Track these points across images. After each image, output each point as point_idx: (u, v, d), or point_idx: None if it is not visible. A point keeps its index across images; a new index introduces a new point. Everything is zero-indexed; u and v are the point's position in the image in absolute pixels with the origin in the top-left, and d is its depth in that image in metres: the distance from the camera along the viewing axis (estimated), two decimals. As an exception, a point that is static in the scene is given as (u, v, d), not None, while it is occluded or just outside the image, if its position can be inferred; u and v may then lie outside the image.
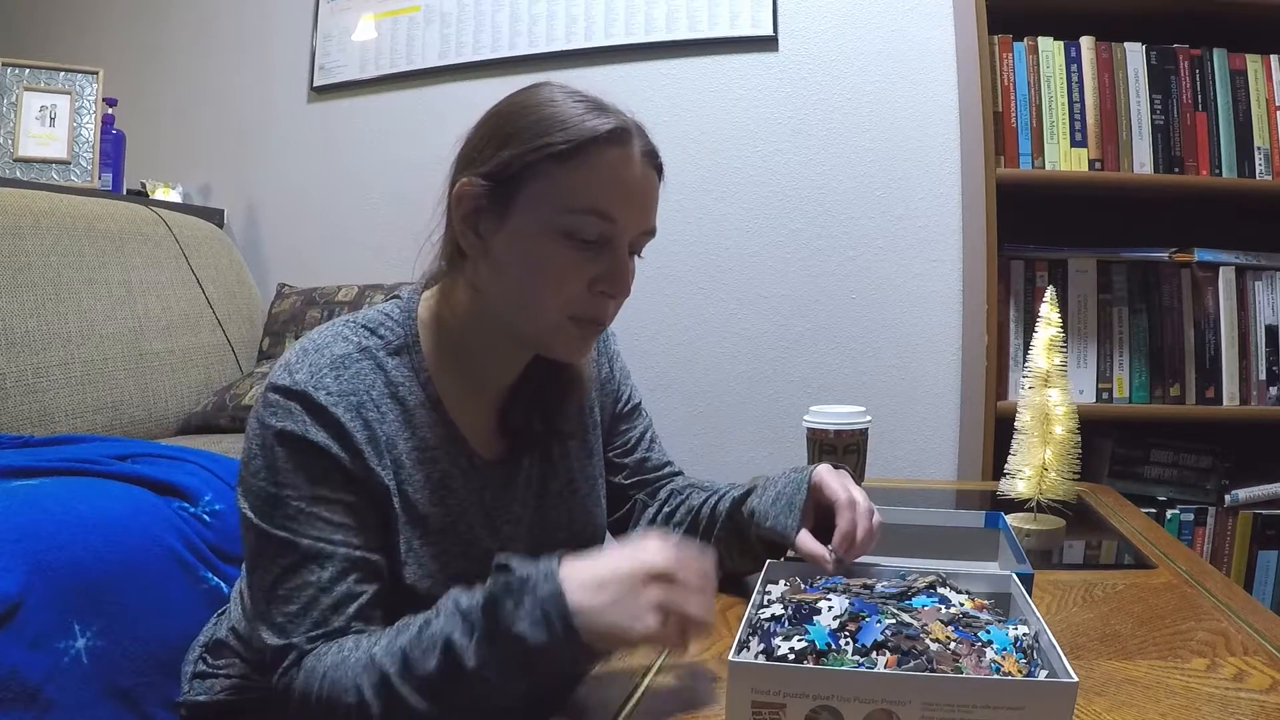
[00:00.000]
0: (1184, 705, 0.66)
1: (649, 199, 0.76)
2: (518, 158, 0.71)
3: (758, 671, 0.57)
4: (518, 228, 0.72)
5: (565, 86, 0.76)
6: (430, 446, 0.76)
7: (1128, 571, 1.03)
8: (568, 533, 0.86)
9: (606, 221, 0.72)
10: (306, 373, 0.72)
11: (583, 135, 0.71)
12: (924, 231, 2.02)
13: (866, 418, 1.21)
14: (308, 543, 0.68)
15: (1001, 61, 1.71)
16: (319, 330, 0.77)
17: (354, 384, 0.73)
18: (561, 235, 0.72)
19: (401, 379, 0.76)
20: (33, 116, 2.04)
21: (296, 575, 0.68)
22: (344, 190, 2.37)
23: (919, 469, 2.02)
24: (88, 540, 0.91)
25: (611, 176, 0.72)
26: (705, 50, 2.11)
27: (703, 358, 2.13)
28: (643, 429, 0.99)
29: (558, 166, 0.71)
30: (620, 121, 0.73)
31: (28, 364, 1.50)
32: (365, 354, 0.75)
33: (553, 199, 0.71)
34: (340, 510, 0.70)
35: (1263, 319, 1.68)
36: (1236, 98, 1.67)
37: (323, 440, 0.70)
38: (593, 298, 0.74)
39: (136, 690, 0.90)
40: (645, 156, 0.75)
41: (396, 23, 2.29)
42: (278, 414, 0.70)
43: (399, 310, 0.80)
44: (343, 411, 0.71)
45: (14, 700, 0.79)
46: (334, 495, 0.70)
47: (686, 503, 0.95)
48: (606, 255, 0.74)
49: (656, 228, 0.78)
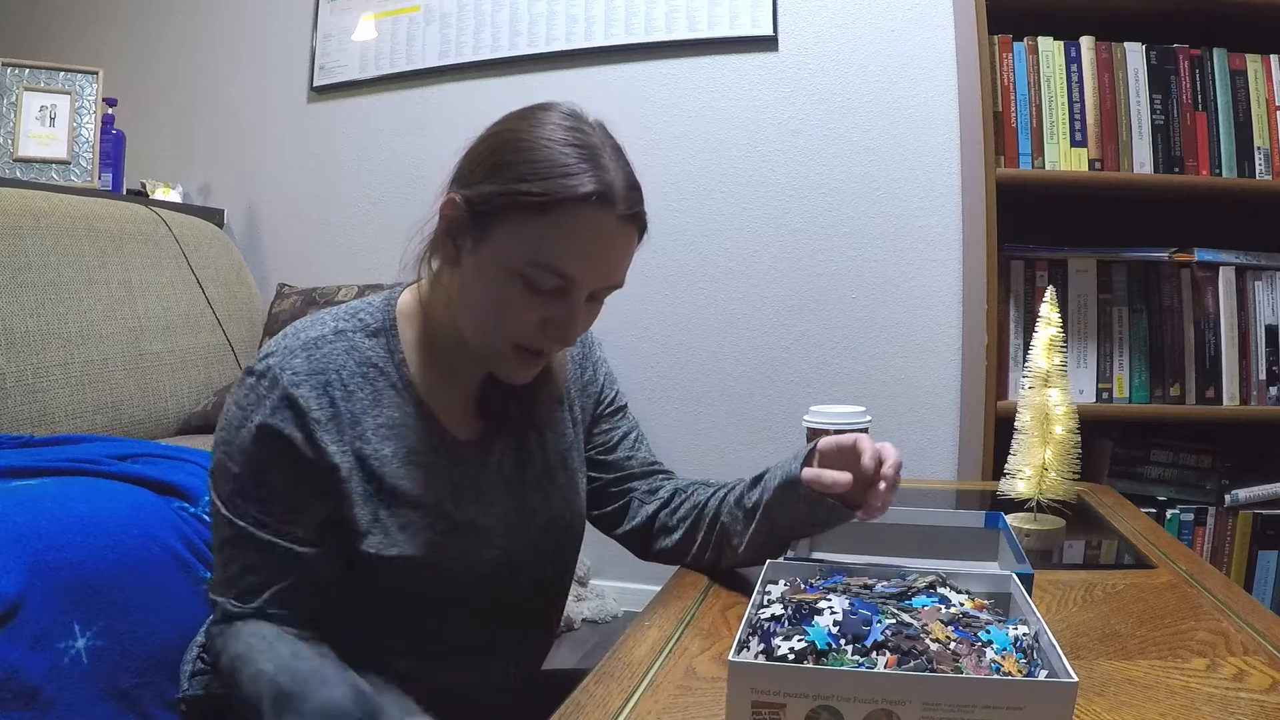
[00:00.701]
0: (1184, 705, 0.66)
1: (616, 259, 0.77)
2: (495, 195, 0.73)
3: (758, 671, 0.56)
4: (486, 257, 0.75)
5: (569, 118, 0.75)
6: (398, 423, 0.80)
7: (1128, 571, 1.03)
8: (545, 518, 0.88)
9: (565, 279, 0.74)
10: (280, 355, 0.76)
11: (559, 193, 0.71)
12: (924, 231, 2.02)
13: (866, 418, 1.21)
14: (243, 524, 0.74)
15: (1001, 61, 1.71)
16: (299, 322, 0.81)
17: (323, 364, 0.77)
18: (520, 278, 0.73)
19: (376, 359, 0.80)
20: (33, 116, 2.04)
21: (235, 548, 0.75)
22: (344, 190, 2.37)
23: (919, 469, 2.02)
24: (88, 540, 0.91)
25: (580, 240, 0.73)
26: (705, 50, 2.11)
27: (703, 358, 2.13)
28: (625, 430, 1.00)
29: (530, 217, 0.72)
30: (603, 183, 0.72)
31: (28, 364, 1.50)
32: (340, 336, 0.79)
33: (518, 244, 0.73)
34: (279, 499, 0.75)
35: (1263, 319, 1.68)
36: (1236, 98, 1.67)
37: (276, 423, 0.74)
38: (539, 334, 0.77)
39: (136, 690, 0.90)
40: (625, 219, 0.74)
41: (396, 23, 2.29)
42: (248, 394, 0.75)
43: (381, 299, 0.85)
44: (307, 390, 0.75)
45: (14, 700, 0.79)
46: (276, 483, 0.75)
47: (691, 499, 0.95)
48: (560, 304, 0.75)
49: (624, 280, 0.79)
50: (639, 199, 0.76)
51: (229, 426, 0.76)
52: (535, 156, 0.72)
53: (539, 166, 0.72)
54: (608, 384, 1.00)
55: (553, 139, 0.73)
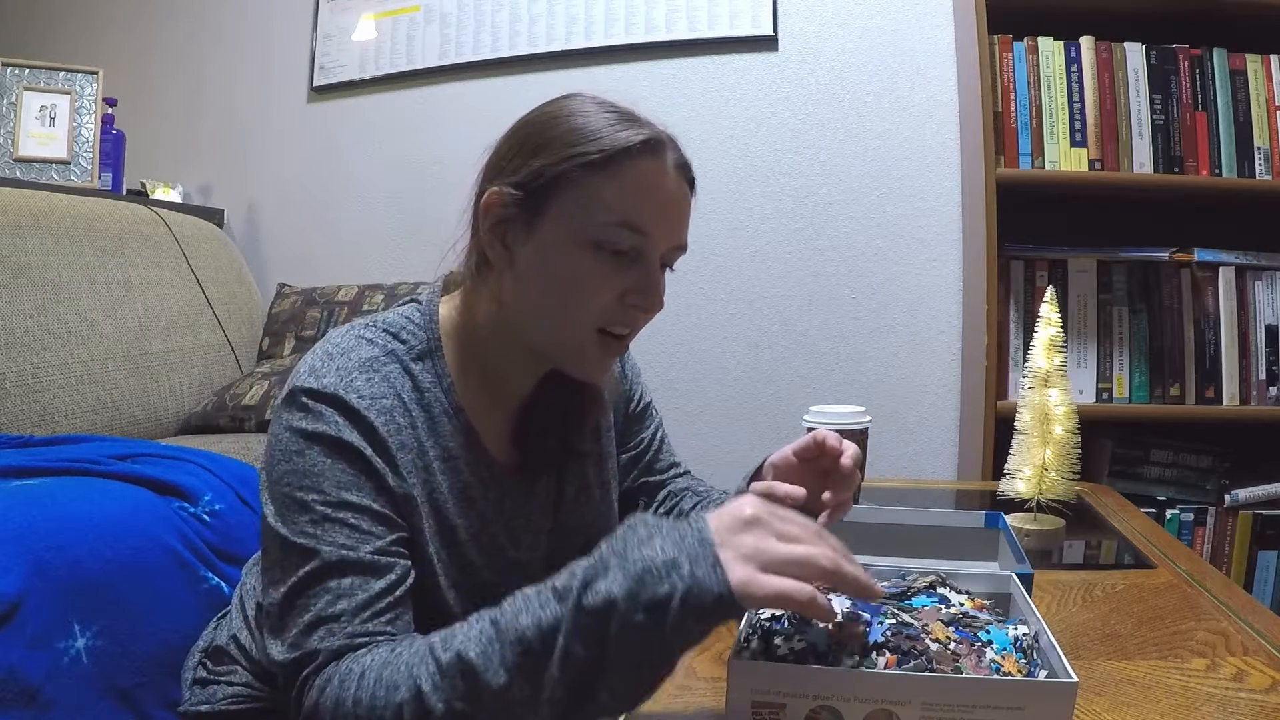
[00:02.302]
0: (1184, 705, 0.66)
1: (682, 212, 0.75)
2: (549, 167, 0.70)
3: (758, 671, 0.57)
4: (547, 239, 0.71)
5: (596, 97, 0.75)
6: (453, 455, 0.74)
7: (1128, 571, 1.03)
8: (584, 538, 0.84)
9: (639, 234, 0.71)
10: (335, 376, 0.69)
11: (616, 145, 0.70)
12: (924, 231, 2.02)
13: (866, 418, 1.21)
14: (329, 549, 0.64)
15: (1001, 61, 1.71)
16: (337, 333, 0.74)
17: (383, 388, 0.70)
18: (592, 246, 0.70)
19: (427, 384, 0.74)
20: (33, 116, 2.04)
21: (317, 582, 0.63)
22: (344, 190, 2.37)
23: (919, 469, 2.02)
24: (88, 540, 0.91)
25: (645, 188, 0.71)
26: (705, 50, 2.11)
27: (703, 358, 2.13)
28: (653, 429, 0.98)
29: (590, 177, 0.70)
30: (653, 133, 0.72)
31: (28, 364, 1.49)
32: (392, 357, 0.73)
33: (584, 210, 0.70)
34: (368, 518, 0.66)
35: (1263, 319, 1.68)
36: (1236, 98, 1.67)
37: (357, 442, 0.67)
38: (623, 310, 0.73)
39: (136, 690, 0.90)
40: (678, 170, 0.74)
41: (396, 22, 2.29)
42: (308, 417, 0.67)
43: (420, 315, 0.77)
44: (375, 415, 0.69)
45: (14, 700, 0.79)
46: (361, 501, 0.66)
47: (678, 506, 0.94)
48: (638, 268, 0.72)
49: (688, 243, 0.77)
50: (685, 156, 0.76)
51: (287, 454, 0.67)
52: (578, 124, 0.71)
53: (586, 132, 0.71)
54: (635, 379, 0.97)
55: (587, 110, 0.73)
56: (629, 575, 0.53)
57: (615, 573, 0.54)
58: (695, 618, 0.52)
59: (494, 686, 0.55)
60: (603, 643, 0.53)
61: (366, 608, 0.63)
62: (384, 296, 2.02)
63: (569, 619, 0.54)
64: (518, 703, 0.55)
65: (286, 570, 0.65)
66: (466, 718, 0.56)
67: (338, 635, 0.62)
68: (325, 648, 0.61)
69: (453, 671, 0.56)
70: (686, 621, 0.52)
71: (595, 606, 0.53)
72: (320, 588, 0.63)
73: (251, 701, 0.83)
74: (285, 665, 0.62)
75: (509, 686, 0.55)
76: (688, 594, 0.52)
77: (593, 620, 0.53)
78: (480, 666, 0.55)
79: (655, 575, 0.53)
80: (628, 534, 0.56)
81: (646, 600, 0.52)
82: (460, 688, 0.56)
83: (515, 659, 0.55)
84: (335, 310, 2.05)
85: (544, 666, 0.54)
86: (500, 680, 0.55)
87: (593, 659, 0.53)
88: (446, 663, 0.57)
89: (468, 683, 0.56)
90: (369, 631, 0.62)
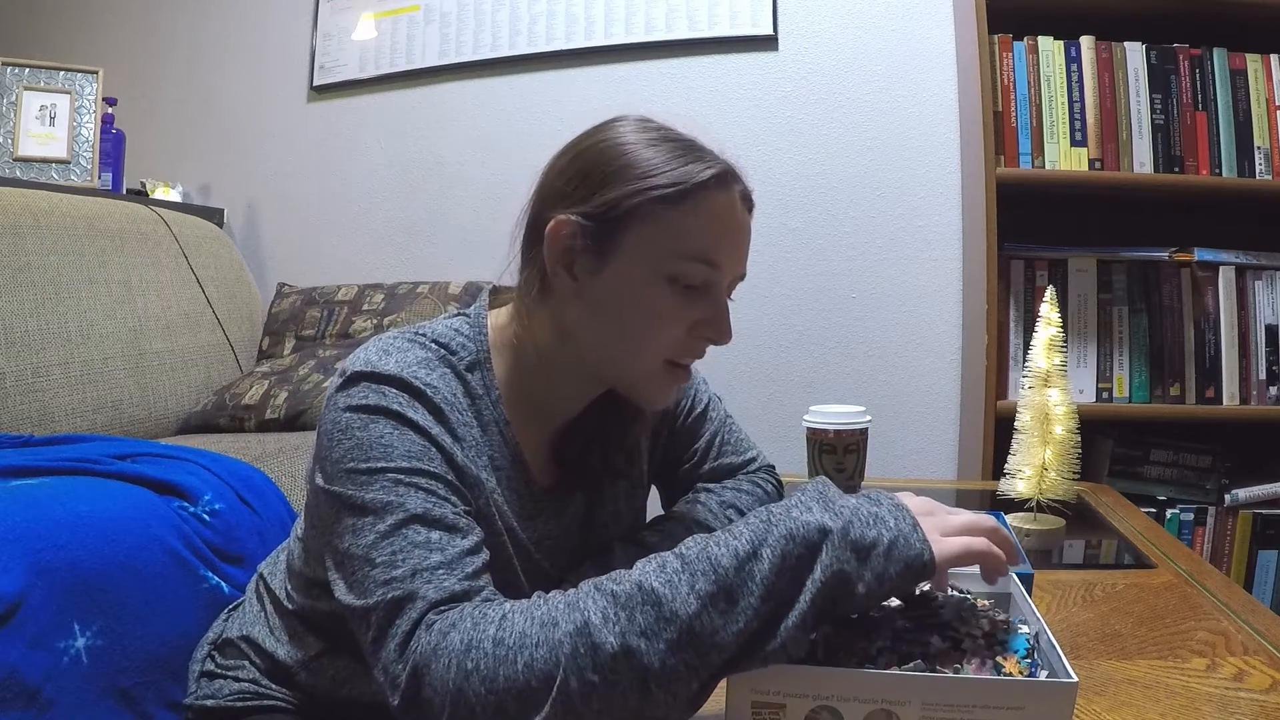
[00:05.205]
0: (1184, 705, 0.66)
1: (746, 242, 0.76)
2: (624, 199, 0.69)
3: (758, 672, 0.56)
4: (622, 270, 0.70)
5: (650, 121, 0.74)
6: (499, 464, 0.74)
7: (1128, 571, 1.03)
8: None
9: (712, 268, 0.71)
10: (396, 365, 0.68)
11: (690, 179, 0.69)
12: (924, 231, 2.02)
13: (866, 418, 1.21)
14: (414, 503, 0.61)
15: (1001, 61, 1.71)
16: (384, 336, 0.73)
17: (441, 385, 0.70)
18: (668, 280, 0.70)
19: (478, 393, 0.74)
20: (33, 116, 2.04)
21: (405, 532, 0.60)
22: (344, 190, 2.37)
23: (919, 469, 2.02)
24: (88, 540, 0.91)
25: (718, 222, 0.72)
26: (705, 50, 2.11)
27: (702, 358, 2.12)
28: (711, 433, 0.96)
29: (666, 211, 0.69)
30: (724, 166, 0.72)
31: (28, 364, 1.49)
32: (444, 363, 0.72)
33: (662, 244, 0.70)
34: (442, 486, 0.64)
35: (1263, 319, 1.68)
36: (1236, 97, 1.67)
37: (422, 420, 0.66)
38: (692, 342, 0.74)
39: (136, 690, 0.90)
40: (744, 200, 0.75)
41: (396, 22, 2.29)
42: (370, 394, 0.65)
43: (469, 327, 0.77)
44: (440, 400, 0.68)
45: (13, 700, 0.79)
46: (434, 469, 0.64)
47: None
48: (707, 300, 0.73)
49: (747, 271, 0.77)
50: (747, 185, 0.76)
51: (348, 431, 0.64)
52: (645, 155, 0.70)
53: (655, 163, 0.70)
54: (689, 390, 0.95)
55: (645, 140, 0.72)
56: (837, 515, 0.57)
57: (821, 511, 0.57)
58: (897, 568, 0.56)
59: (683, 615, 0.53)
60: (807, 572, 0.55)
61: (460, 563, 0.60)
62: (384, 296, 2.02)
63: (775, 545, 0.55)
64: (703, 635, 0.53)
65: (360, 531, 0.61)
66: (637, 656, 0.52)
67: (438, 584, 0.58)
68: (427, 596, 0.57)
69: (632, 602, 0.54)
70: (888, 570, 0.56)
71: (808, 537, 0.56)
72: (408, 540, 0.60)
73: (258, 699, 0.83)
74: (378, 608, 0.58)
75: (698, 615, 0.53)
76: (893, 544, 0.56)
77: (803, 549, 0.55)
78: (667, 595, 0.53)
79: (863, 521, 0.57)
80: (823, 487, 0.60)
81: (855, 539, 0.56)
82: (639, 620, 0.53)
83: (708, 587, 0.53)
84: (335, 310, 2.05)
85: (738, 595, 0.53)
86: (690, 608, 0.53)
87: (791, 592, 0.55)
88: (624, 593, 0.54)
89: (650, 612, 0.53)
90: (476, 588, 0.59)
